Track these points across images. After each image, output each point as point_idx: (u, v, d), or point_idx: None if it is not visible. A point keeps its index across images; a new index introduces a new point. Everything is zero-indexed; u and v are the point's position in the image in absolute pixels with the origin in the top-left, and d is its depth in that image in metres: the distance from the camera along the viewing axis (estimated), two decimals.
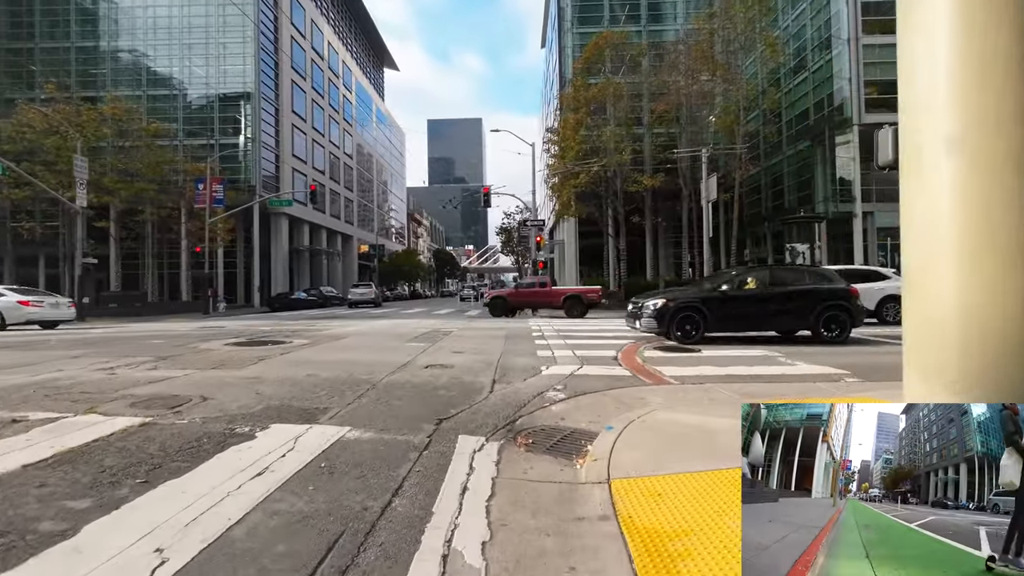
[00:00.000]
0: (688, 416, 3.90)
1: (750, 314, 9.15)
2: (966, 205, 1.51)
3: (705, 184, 21.56)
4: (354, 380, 5.51)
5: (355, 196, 61.55)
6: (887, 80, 25.68)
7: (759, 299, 9.13)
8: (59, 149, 26.70)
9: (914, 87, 1.60)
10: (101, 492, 2.51)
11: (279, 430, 3.59)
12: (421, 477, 2.77)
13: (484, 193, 25.90)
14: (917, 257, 1.72)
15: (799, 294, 9.08)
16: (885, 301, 12.40)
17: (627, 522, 2.25)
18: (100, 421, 3.77)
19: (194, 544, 2.00)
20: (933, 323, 1.67)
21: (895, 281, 12.60)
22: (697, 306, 9.02)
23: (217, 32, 39.48)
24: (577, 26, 36.91)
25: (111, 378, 5.62)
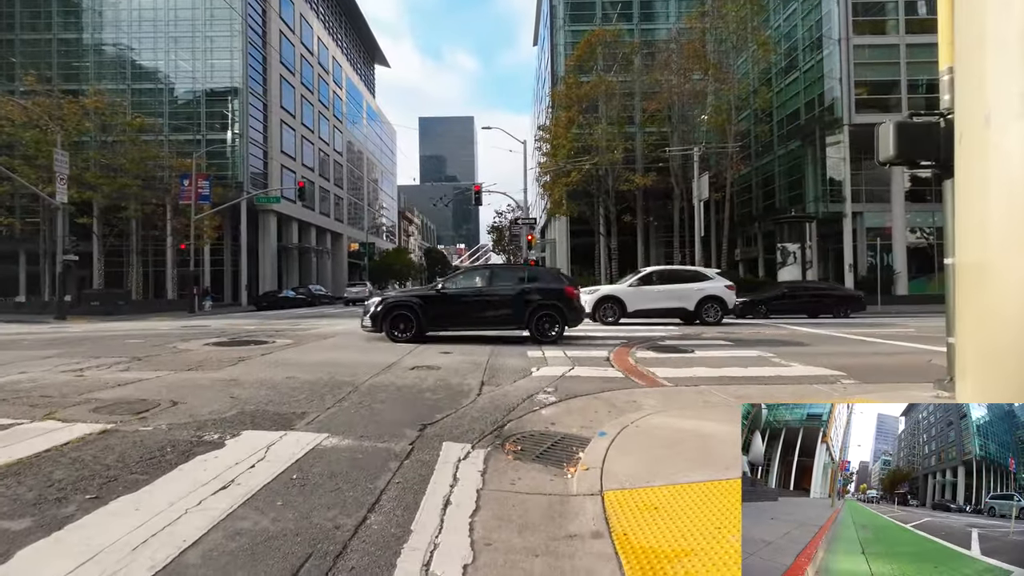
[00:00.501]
0: (683, 420, 3.74)
1: (466, 313, 9.29)
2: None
3: (697, 183, 21.51)
4: (336, 382, 5.29)
5: (345, 193, 60.93)
6: (877, 80, 25.83)
7: (476, 299, 9.26)
8: (39, 143, 26.03)
9: (980, 48, 1.42)
10: (44, 510, 2.29)
11: (251, 437, 3.37)
12: (401, 489, 2.57)
13: (475, 191, 25.64)
14: (976, 247, 1.54)
15: (514, 294, 9.21)
16: (704, 301, 13.28)
17: (622, 540, 2.08)
18: (57, 428, 3.52)
19: (141, 572, 1.79)
20: (1001, 319, 1.49)
21: (716, 282, 13.56)
22: (412, 305, 9.16)
23: (204, 26, 38.76)
24: (569, 24, 36.76)
25: (78, 380, 5.34)
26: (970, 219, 1.59)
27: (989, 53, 1.44)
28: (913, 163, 4.04)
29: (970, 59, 1.52)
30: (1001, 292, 1.49)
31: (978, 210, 1.53)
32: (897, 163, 3.94)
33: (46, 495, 2.44)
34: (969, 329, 1.65)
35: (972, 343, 1.65)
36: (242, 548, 1.97)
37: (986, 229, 1.50)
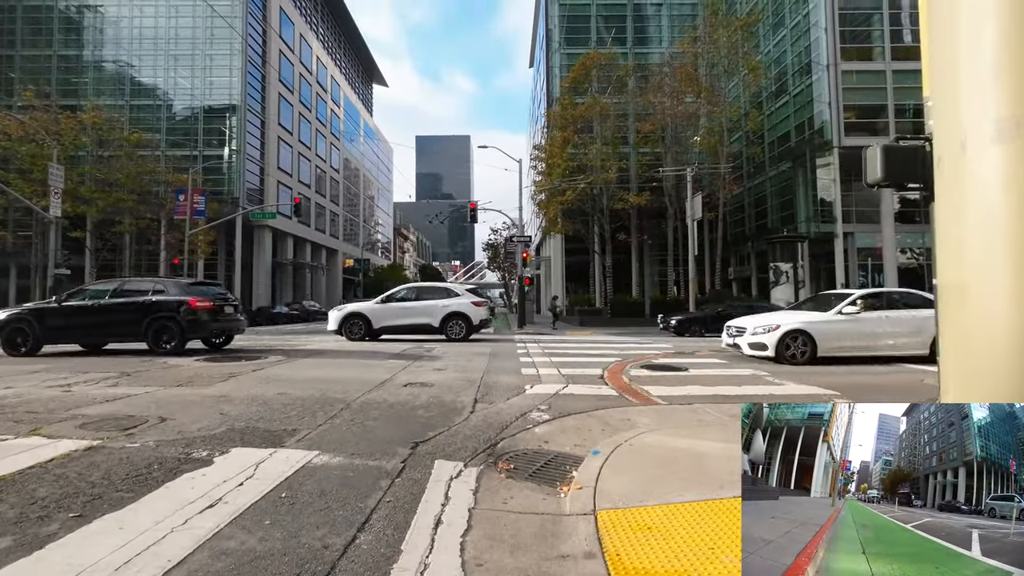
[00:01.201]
0: (677, 439, 3.72)
1: (85, 325, 9.49)
2: (1023, 199, 1.37)
3: (690, 203, 21.75)
4: (327, 399, 5.24)
5: (341, 210, 61.09)
6: (865, 104, 26.41)
7: (95, 311, 9.44)
8: (35, 157, 26.05)
9: (954, 75, 1.48)
10: (26, 529, 2.23)
11: (240, 455, 3.32)
12: (391, 508, 2.54)
13: (471, 209, 25.79)
14: (954, 268, 1.58)
15: (132, 306, 9.46)
16: (450, 317, 13.29)
17: (615, 561, 2.05)
18: (42, 444, 3.45)
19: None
20: (979, 342, 1.52)
21: (463, 299, 13.70)
22: (27, 318, 9.36)
23: (204, 44, 39.24)
24: (565, 47, 37.49)
25: (65, 395, 5.26)
26: (949, 241, 1.63)
27: (963, 80, 1.49)
28: (900, 185, 4.11)
29: (946, 86, 1.58)
30: (977, 313, 1.52)
31: (955, 233, 1.57)
32: (885, 185, 4.01)
33: (28, 513, 2.39)
34: (950, 349, 1.68)
35: (952, 362, 1.67)
36: (228, 568, 1.93)
37: (963, 251, 1.54)
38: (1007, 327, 1.43)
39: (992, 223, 1.44)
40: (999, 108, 1.40)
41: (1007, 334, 1.43)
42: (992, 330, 1.48)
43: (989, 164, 1.44)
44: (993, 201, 1.42)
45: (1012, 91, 1.40)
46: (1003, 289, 1.44)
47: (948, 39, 1.56)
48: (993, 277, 1.46)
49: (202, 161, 36.98)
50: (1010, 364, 1.45)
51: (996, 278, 1.45)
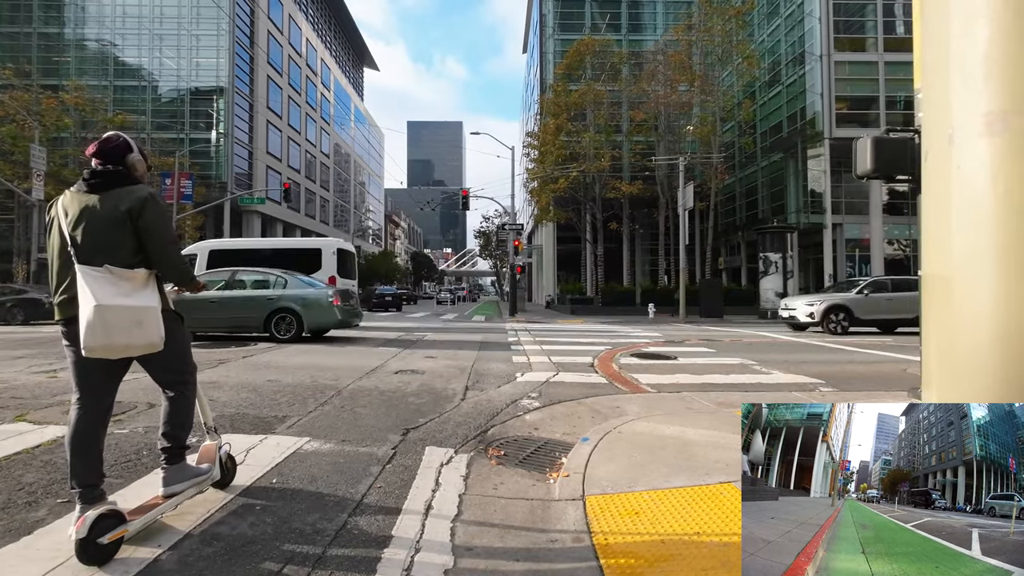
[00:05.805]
0: (665, 427, 3.77)
1: None
2: (1009, 193, 1.39)
3: (682, 192, 21.78)
4: (318, 386, 5.23)
5: (331, 196, 60.45)
6: (857, 96, 26.49)
7: None
8: (15, 139, 25.43)
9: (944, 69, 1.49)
10: (13, 514, 2.22)
11: (230, 441, 3.31)
12: (382, 494, 2.56)
13: (463, 196, 25.64)
14: (940, 260, 1.60)
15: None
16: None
17: (603, 545, 2.09)
18: (28, 430, 3.42)
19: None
20: (963, 334, 1.55)
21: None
22: None
23: (190, 24, 38.30)
24: (559, 32, 37.07)
25: (51, 381, 5.20)
26: (935, 233, 1.65)
27: (953, 74, 1.50)
28: (889, 177, 4.15)
29: (936, 79, 1.59)
30: (960, 305, 1.55)
31: (942, 225, 1.59)
32: (874, 177, 4.04)
33: (15, 499, 2.38)
34: (933, 339, 1.71)
35: (935, 353, 1.70)
36: (218, 553, 1.94)
37: (949, 243, 1.56)
38: (990, 318, 1.47)
39: (977, 216, 1.46)
40: (988, 103, 1.41)
41: (990, 325, 1.47)
42: (976, 321, 1.51)
43: (976, 158, 1.45)
44: (979, 194, 1.44)
45: (1001, 86, 1.41)
46: (987, 282, 1.47)
47: (940, 33, 1.56)
48: (978, 269, 1.48)
49: (189, 144, 36.35)
50: (992, 354, 1.48)
51: (981, 270, 1.47)
